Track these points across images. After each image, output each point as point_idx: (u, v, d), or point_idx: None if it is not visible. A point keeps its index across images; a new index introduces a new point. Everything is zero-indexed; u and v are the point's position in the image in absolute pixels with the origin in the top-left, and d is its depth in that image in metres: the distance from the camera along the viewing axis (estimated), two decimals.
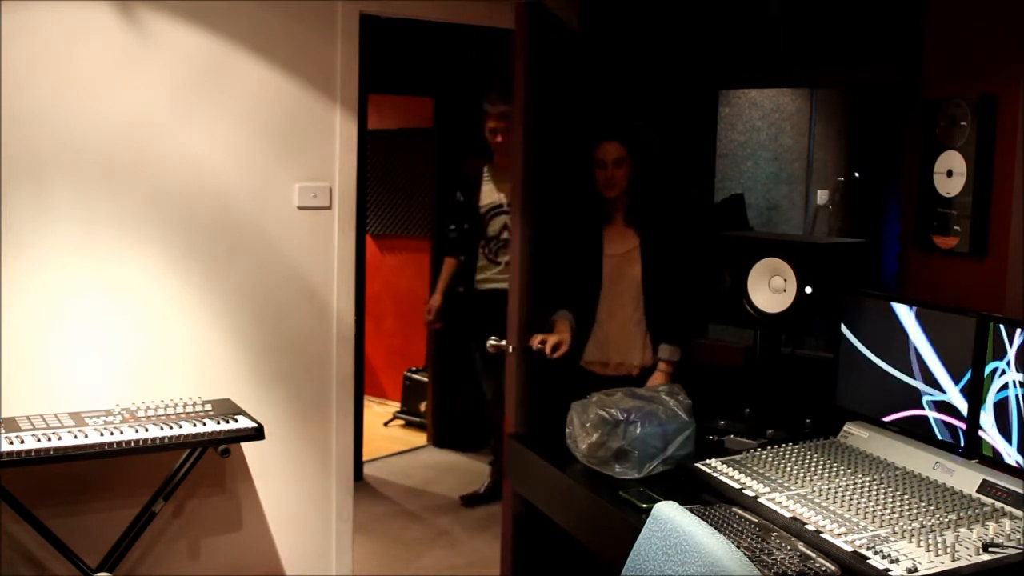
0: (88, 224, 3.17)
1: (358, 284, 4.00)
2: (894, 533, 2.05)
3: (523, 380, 3.27)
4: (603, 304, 3.39)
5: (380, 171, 6.59)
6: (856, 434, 2.64)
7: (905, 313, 2.54)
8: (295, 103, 3.48)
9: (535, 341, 3.22)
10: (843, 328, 2.73)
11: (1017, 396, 2.21)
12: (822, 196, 5.11)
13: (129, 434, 2.96)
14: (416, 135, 6.37)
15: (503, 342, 3.26)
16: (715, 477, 2.45)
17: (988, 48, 2.86)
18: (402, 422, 6.46)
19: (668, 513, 1.89)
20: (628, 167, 3.33)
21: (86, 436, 2.90)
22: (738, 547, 1.81)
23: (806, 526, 2.12)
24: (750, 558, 1.86)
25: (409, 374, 6.48)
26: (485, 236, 4.78)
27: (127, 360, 3.28)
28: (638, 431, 2.58)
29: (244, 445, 3.42)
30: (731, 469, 2.48)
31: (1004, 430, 2.24)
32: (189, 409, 3.20)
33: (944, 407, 2.40)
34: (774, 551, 2.01)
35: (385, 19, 3.85)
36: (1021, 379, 2.21)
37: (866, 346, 2.65)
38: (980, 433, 2.30)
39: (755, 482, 2.38)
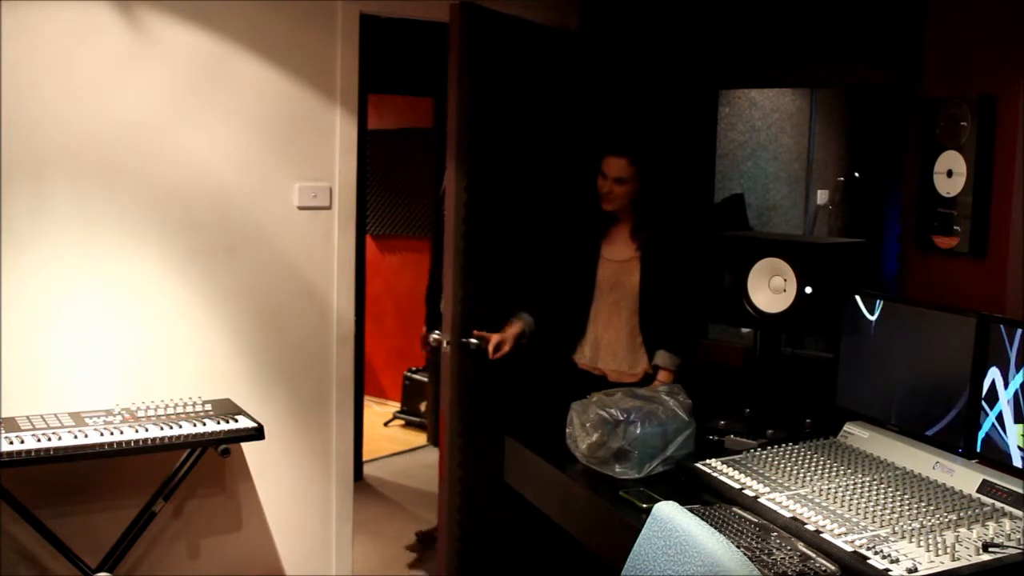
0: (88, 224, 3.17)
1: (358, 284, 4.00)
2: (894, 533, 2.05)
3: (457, 376, 3.29)
4: (599, 309, 3.36)
5: (380, 171, 6.59)
6: (856, 434, 2.64)
7: (905, 313, 2.54)
8: (295, 103, 3.48)
9: (475, 337, 3.25)
10: (843, 328, 2.73)
11: (1017, 396, 2.21)
12: (822, 196, 5.10)
13: (129, 434, 2.96)
14: (416, 135, 6.37)
15: (441, 336, 3.29)
16: (715, 477, 2.45)
17: (988, 48, 2.86)
18: (402, 422, 6.47)
19: (668, 513, 1.89)
20: (631, 186, 3.27)
21: (86, 436, 2.90)
22: (738, 547, 1.81)
23: (806, 526, 2.12)
24: (750, 558, 1.86)
25: (409, 374, 6.48)
26: None
27: (127, 360, 3.28)
28: (638, 431, 2.58)
29: (244, 445, 3.42)
30: (731, 469, 2.48)
31: (1004, 430, 2.24)
32: (189, 409, 3.20)
33: (944, 407, 2.40)
34: (774, 551, 2.01)
35: (385, 19, 3.85)
36: (1021, 379, 2.21)
37: (866, 346, 2.65)
38: (980, 433, 2.30)
39: (755, 482, 2.38)
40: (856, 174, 5.13)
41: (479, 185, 3.31)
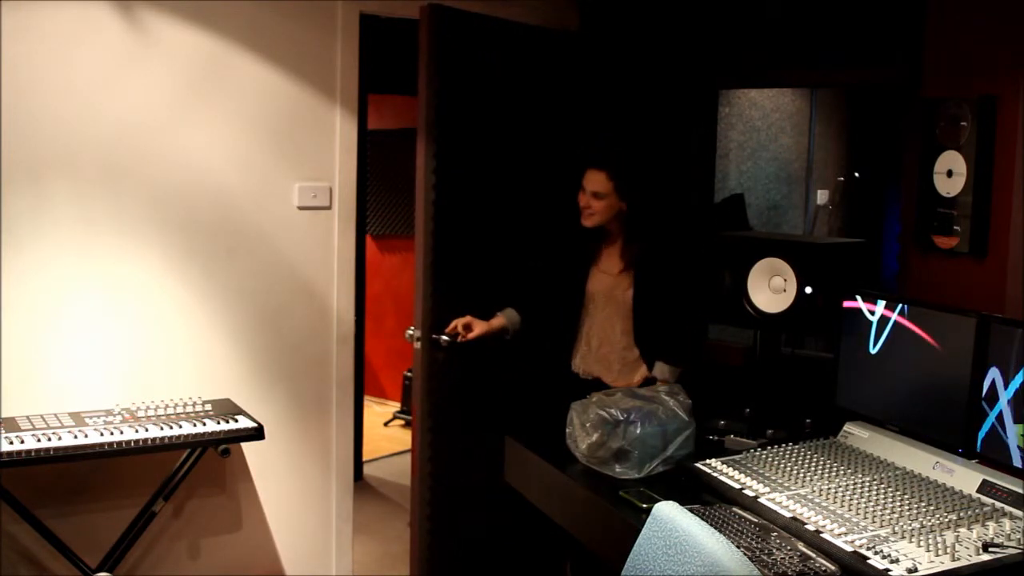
0: (88, 224, 3.17)
1: (358, 284, 4.00)
2: (894, 533, 2.05)
3: (427, 372, 3.32)
4: (594, 321, 3.33)
5: (380, 171, 6.59)
6: (856, 434, 2.64)
7: (905, 313, 2.54)
8: (295, 103, 3.48)
9: (450, 328, 3.30)
10: (843, 328, 2.73)
11: (1017, 396, 2.21)
12: (822, 196, 5.10)
13: (129, 434, 2.96)
14: (416, 135, 6.36)
15: (416, 332, 3.33)
16: (715, 477, 2.45)
17: (988, 48, 2.86)
18: (402, 422, 6.46)
19: (668, 513, 1.89)
20: (610, 201, 3.19)
21: (86, 436, 2.90)
22: (738, 547, 1.81)
23: (806, 526, 2.12)
24: (750, 558, 1.86)
25: (409, 374, 6.48)
26: None
27: (127, 360, 3.28)
28: (638, 431, 2.58)
29: (244, 445, 3.42)
30: (731, 469, 2.48)
31: (1004, 430, 2.24)
32: (189, 409, 3.20)
33: (944, 407, 2.40)
34: (774, 551, 2.01)
35: (385, 19, 3.85)
36: (1021, 379, 2.21)
37: (865, 346, 2.65)
38: (980, 433, 2.30)
39: (755, 482, 2.38)
40: (856, 174, 5.13)
41: (452, 183, 3.35)
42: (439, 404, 3.38)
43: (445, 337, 3.30)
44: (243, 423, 3.15)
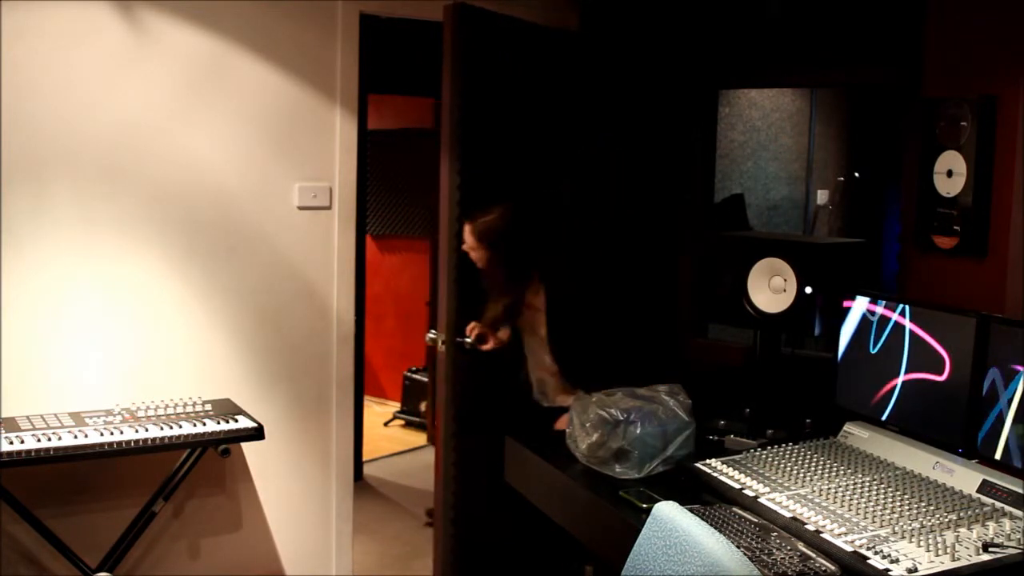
0: (88, 224, 3.17)
1: (358, 284, 4.00)
2: (894, 533, 2.05)
3: (452, 376, 3.29)
4: (529, 351, 3.36)
5: (380, 171, 6.59)
6: (856, 434, 2.64)
7: (905, 313, 2.54)
8: (295, 103, 3.48)
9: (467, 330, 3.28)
10: (843, 328, 2.73)
11: (1016, 396, 2.21)
12: (822, 196, 5.10)
13: (129, 434, 2.96)
14: (416, 135, 6.37)
15: (439, 335, 3.30)
16: (715, 477, 2.45)
17: (988, 48, 2.86)
18: (402, 422, 6.47)
19: (668, 513, 1.89)
20: (480, 252, 3.21)
21: (86, 436, 2.90)
22: (738, 547, 1.81)
23: (806, 526, 2.12)
24: (750, 558, 1.86)
25: (409, 374, 6.49)
26: None
27: (127, 360, 3.28)
28: (638, 431, 2.58)
29: (244, 445, 3.42)
30: (731, 469, 2.48)
31: (1004, 430, 2.24)
32: (189, 409, 3.20)
33: (944, 407, 2.40)
34: (774, 551, 2.01)
35: (385, 19, 3.85)
36: (1021, 379, 2.21)
37: (865, 346, 2.65)
38: (980, 433, 2.30)
39: (755, 482, 2.38)
40: (856, 174, 5.13)
41: (474, 185, 3.32)
42: (462, 407, 3.35)
43: (469, 340, 3.28)
44: (243, 423, 3.15)
